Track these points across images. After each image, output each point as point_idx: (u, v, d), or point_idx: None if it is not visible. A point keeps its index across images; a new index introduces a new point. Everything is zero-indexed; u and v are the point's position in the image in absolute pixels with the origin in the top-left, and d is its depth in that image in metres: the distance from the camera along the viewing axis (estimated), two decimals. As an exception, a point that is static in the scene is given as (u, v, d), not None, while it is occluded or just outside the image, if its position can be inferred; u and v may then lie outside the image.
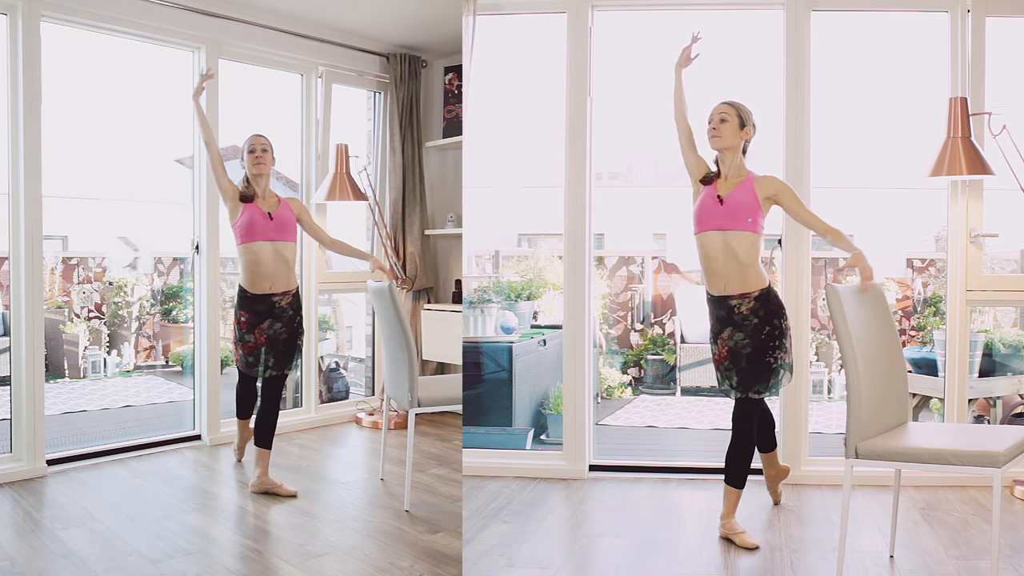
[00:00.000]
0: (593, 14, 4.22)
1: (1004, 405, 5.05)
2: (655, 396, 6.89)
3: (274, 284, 3.75)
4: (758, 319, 3.21)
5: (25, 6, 3.93)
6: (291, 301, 3.80)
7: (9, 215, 3.97)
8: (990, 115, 3.89)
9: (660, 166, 9.57)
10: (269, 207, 3.75)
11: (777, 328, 3.23)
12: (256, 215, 3.71)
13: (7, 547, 3.08)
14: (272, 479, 3.79)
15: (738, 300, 3.22)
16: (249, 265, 3.73)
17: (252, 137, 3.82)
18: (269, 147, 3.80)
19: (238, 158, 3.89)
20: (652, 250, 7.82)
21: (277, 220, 3.73)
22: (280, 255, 3.75)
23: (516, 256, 7.24)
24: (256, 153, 3.76)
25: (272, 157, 3.81)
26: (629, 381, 7.02)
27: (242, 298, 3.77)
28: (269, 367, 3.78)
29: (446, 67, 5.66)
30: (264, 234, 3.71)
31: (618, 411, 6.27)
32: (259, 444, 3.80)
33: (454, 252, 5.67)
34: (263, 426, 3.80)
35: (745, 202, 3.18)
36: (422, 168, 5.47)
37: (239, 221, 3.73)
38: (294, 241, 3.83)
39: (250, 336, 3.77)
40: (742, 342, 3.24)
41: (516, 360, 4.95)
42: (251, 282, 3.74)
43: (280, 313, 3.77)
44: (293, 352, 3.83)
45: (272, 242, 3.73)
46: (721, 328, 3.30)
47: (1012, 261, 5.63)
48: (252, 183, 3.79)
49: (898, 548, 3.17)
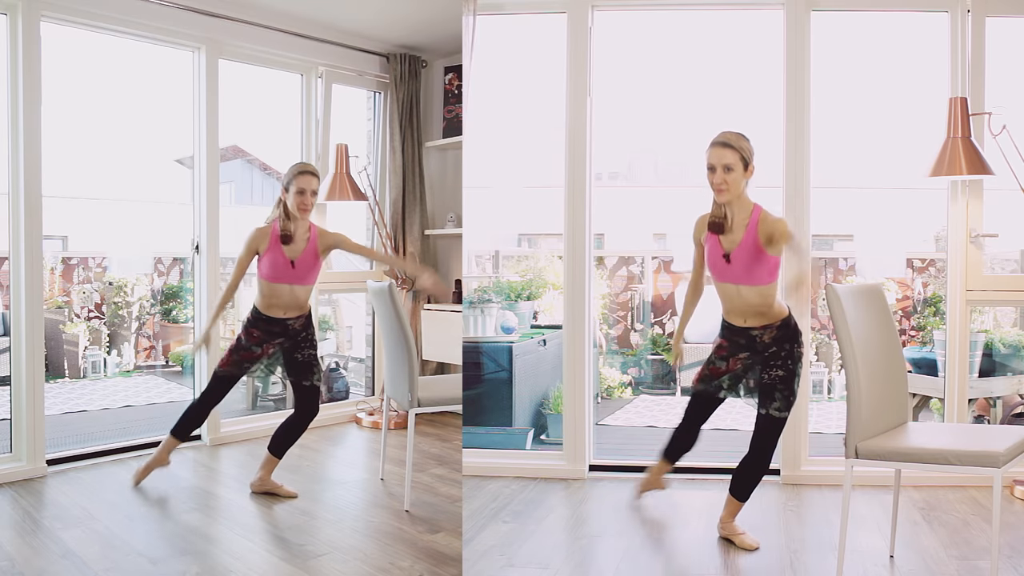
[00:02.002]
0: (593, 14, 4.22)
1: (1004, 405, 5.05)
2: (655, 396, 6.90)
3: (287, 312, 3.74)
4: (776, 347, 3.21)
5: (25, 6, 3.93)
6: (303, 322, 3.80)
7: (9, 215, 3.97)
8: (990, 115, 3.89)
9: (660, 166, 9.58)
10: (295, 252, 3.65)
11: (798, 352, 3.23)
12: (279, 261, 3.64)
13: (7, 547, 3.08)
14: (273, 481, 3.79)
15: (759, 331, 3.22)
16: (265, 295, 3.71)
17: (304, 177, 3.62)
18: (318, 188, 3.68)
19: (239, 158, 3.88)
20: (652, 250, 7.82)
21: (299, 268, 3.68)
22: (295, 294, 3.72)
23: (516, 256, 7.24)
24: (305, 196, 3.61)
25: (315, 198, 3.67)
26: (629, 381, 7.02)
27: (257, 318, 3.74)
28: (270, 373, 3.83)
29: (446, 67, 5.66)
30: (284, 278, 3.67)
31: (618, 411, 6.27)
32: (273, 451, 3.78)
33: (454, 252, 5.67)
34: (286, 435, 3.79)
35: (751, 259, 3.09)
36: (422, 168, 5.48)
37: (264, 259, 3.66)
38: (312, 284, 3.79)
39: (257, 348, 3.74)
40: (760, 366, 3.23)
41: (516, 360, 4.95)
42: (265, 307, 3.72)
43: (293, 333, 3.77)
44: (316, 363, 3.80)
45: (291, 285, 3.70)
46: (736, 351, 3.29)
47: (1012, 261, 5.62)
48: (290, 220, 3.65)
49: (898, 548, 3.17)
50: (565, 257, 4.28)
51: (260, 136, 7.31)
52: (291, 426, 3.80)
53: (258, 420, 5.01)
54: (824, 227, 7.74)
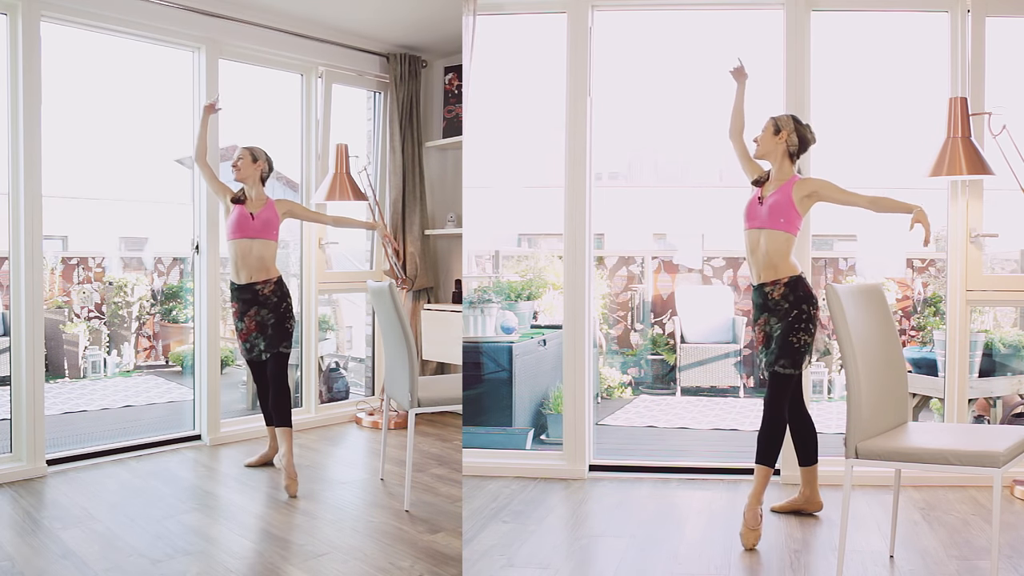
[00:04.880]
0: (593, 14, 4.22)
1: (1004, 405, 5.05)
2: (655, 396, 6.90)
3: (254, 274, 3.97)
4: (788, 303, 3.41)
5: (25, 6, 3.93)
6: (274, 289, 4.00)
7: (9, 215, 3.97)
8: (990, 115, 3.89)
9: (660, 166, 9.57)
10: (254, 208, 4.00)
11: (805, 313, 3.42)
12: (240, 215, 3.98)
13: (7, 547, 3.08)
14: (294, 468, 3.83)
15: (771, 287, 3.45)
16: (233, 259, 4.02)
17: (239, 149, 4.08)
18: (248, 156, 4.01)
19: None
20: (652, 250, 7.82)
21: (259, 220, 3.97)
22: (257, 251, 3.97)
23: (516, 256, 7.24)
24: (235, 163, 4.04)
25: (257, 165, 4.02)
26: (629, 381, 7.02)
27: (232, 289, 4.04)
28: (262, 349, 3.97)
29: (446, 67, 5.65)
30: (246, 232, 3.95)
31: (618, 411, 6.27)
32: (280, 424, 3.92)
33: (454, 252, 5.67)
34: (277, 406, 3.95)
35: (780, 204, 3.45)
36: (422, 168, 5.47)
37: (228, 220, 4.03)
38: (275, 240, 4.04)
39: (242, 324, 4.01)
40: (775, 324, 3.45)
41: (516, 360, 4.95)
42: (235, 273, 4.01)
43: (264, 300, 3.98)
44: (283, 333, 3.99)
45: (252, 239, 3.96)
46: (758, 314, 3.52)
47: (1012, 261, 5.62)
48: (244, 189, 4.06)
49: (898, 548, 3.17)
50: (565, 257, 4.28)
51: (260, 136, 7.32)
52: (277, 395, 3.96)
53: (258, 420, 5.00)
54: (824, 227, 7.74)
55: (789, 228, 3.44)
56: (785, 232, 3.44)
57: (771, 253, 3.44)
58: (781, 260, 3.45)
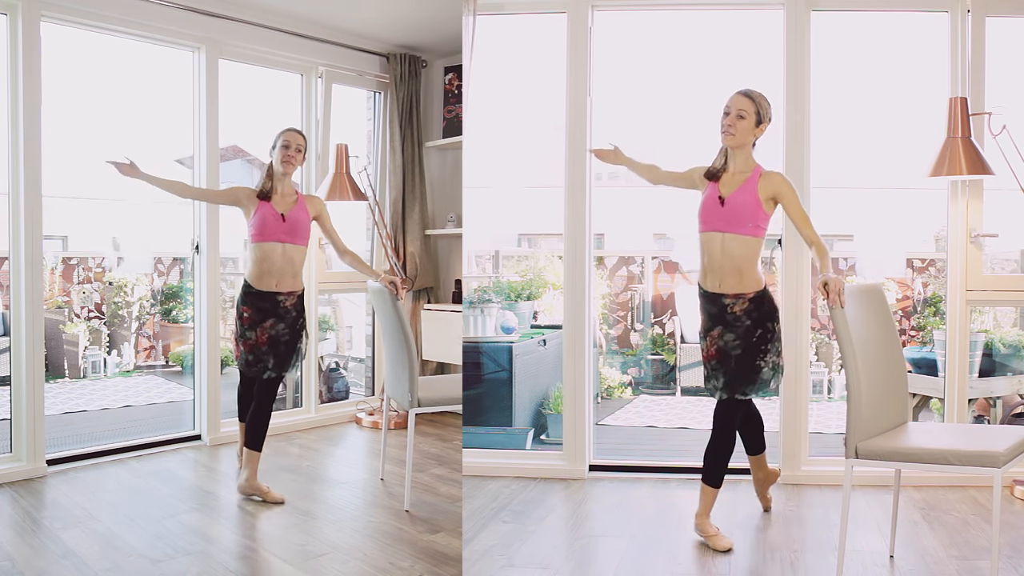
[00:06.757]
0: (593, 14, 4.22)
1: (1004, 405, 5.05)
2: (655, 396, 6.89)
3: (280, 283, 3.67)
4: (751, 321, 3.17)
5: (25, 6, 3.93)
6: (295, 303, 3.72)
7: (9, 215, 3.97)
8: (990, 115, 3.89)
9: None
10: (284, 207, 3.67)
11: (769, 331, 3.20)
12: (269, 216, 3.63)
13: (7, 547, 3.08)
14: (259, 484, 3.68)
15: (732, 300, 3.17)
16: (257, 262, 3.65)
17: (289, 132, 3.70)
18: (304, 147, 3.71)
19: (239, 158, 3.89)
20: (652, 250, 7.81)
21: (290, 222, 3.66)
22: (288, 257, 3.67)
23: (516, 256, 7.23)
24: (290, 150, 3.67)
25: (304, 158, 3.74)
26: (629, 381, 7.02)
27: (247, 294, 3.67)
28: (269, 368, 3.69)
29: (446, 67, 5.66)
30: (275, 235, 3.64)
31: (618, 411, 6.27)
32: (249, 445, 3.71)
33: (454, 252, 5.67)
34: (254, 427, 3.70)
35: (746, 204, 3.13)
36: (422, 168, 5.47)
37: (253, 219, 3.66)
38: (305, 245, 3.75)
39: (251, 333, 3.66)
40: (732, 343, 3.20)
41: (516, 360, 4.95)
42: (257, 278, 3.65)
43: (284, 313, 3.68)
44: (293, 354, 3.74)
45: (282, 244, 3.66)
46: (712, 326, 3.24)
47: (1012, 261, 5.62)
48: (274, 179, 3.71)
49: (898, 548, 3.17)
50: (565, 257, 4.28)
51: (260, 136, 7.32)
52: (259, 416, 3.69)
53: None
54: (824, 227, 7.70)
55: (757, 232, 3.14)
56: (753, 237, 3.14)
57: (737, 259, 3.14)
58: (749, 269, 3.15)
